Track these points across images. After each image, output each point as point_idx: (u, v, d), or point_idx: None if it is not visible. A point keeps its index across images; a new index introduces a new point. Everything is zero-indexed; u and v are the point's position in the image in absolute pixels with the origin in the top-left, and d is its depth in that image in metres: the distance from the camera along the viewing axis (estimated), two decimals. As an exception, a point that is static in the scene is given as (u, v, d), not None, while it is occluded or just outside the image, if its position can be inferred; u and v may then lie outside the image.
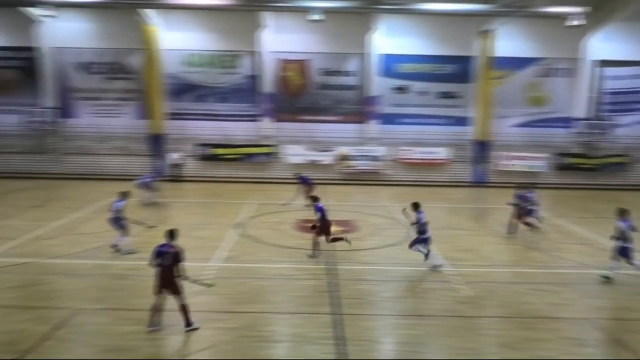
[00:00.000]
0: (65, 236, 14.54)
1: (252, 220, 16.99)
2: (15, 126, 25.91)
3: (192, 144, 25.89)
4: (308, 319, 9.26)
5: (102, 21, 25.51)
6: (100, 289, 10.49)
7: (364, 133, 26.34)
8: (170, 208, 18.91)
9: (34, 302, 9.65)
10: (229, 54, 25.95)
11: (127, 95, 26.30)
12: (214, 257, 12.79)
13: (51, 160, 26.15)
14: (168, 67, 25.71)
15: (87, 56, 25.96)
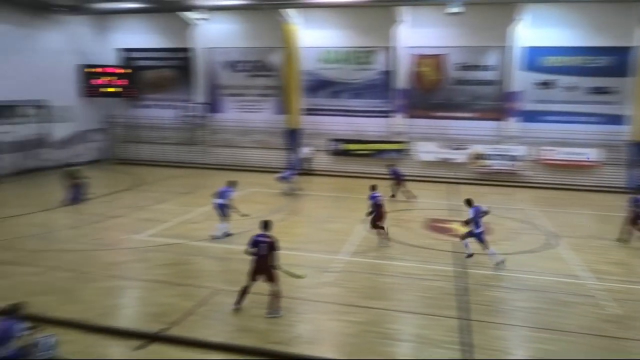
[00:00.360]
0: (209, 221, 15.80)
1: (380, 216, 17.03)
2: (171, 120, 28.75)
3: (325, 139, 26.60)
4: (433, 321, 9.06)
5: (248, 22, 27.20)
6: (237, 272, 11.23)
7: (502, 131, 24.95)
8: (302, 200, 19.65)
9: (181, 280, 10.66)
10: (364, 50, 26.17)
11: (268, 92, 27.78)
12: (342, 250, 13.05)
13: (200, 151, 28.59)
14: (305, 64, 26.66)
15: (233, 55, 27.88)
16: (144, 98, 29.44)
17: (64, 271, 11.09)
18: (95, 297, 9.75)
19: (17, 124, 24.04)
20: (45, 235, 13.89)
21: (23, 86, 23.93)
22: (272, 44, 26.81)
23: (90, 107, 28.51)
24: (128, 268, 11.50)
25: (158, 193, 20.10)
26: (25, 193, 20.67)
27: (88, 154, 28.30)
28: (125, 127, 29.64)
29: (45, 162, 25.61)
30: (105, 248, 12.96)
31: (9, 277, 10.64)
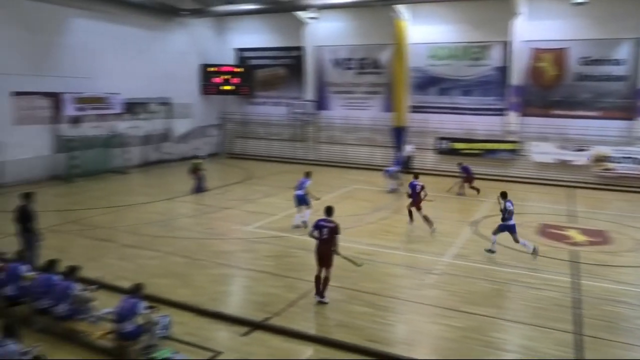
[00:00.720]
0: (312, 216, 16.11)
1: (487, 219, 16.30)
2: (280, 117, 29.78)
3: (432, 137, 26.00)
4: (543, 333, 8.51)
5: (357, 20, 27.33)
6: (337, 267, 11.33)
7: (631, 131, 22.70)
8: (406, 199, 19.35)
9: (285, 272, 11.03)
10: (477, 45, 25.15)
11: (375, 89, 27.73)
12: (446, 252, 12.70)
13: (306, 148, 29.33)
14: (414, 60, 26.22)
15: (342, 53, 28.18)
16: (257, 95, 30.78)
17: (180, 257, 11.96)
18: (206, 283, 10.40)
19: (144, 120, 26.31)
20: (165, 223, 15.06)
21: (151, 85, 26.13)
22: (381, 41, 26.70)
23: (208, 104, 30.40)
24: (236, 257, 12.11)
25: (266, 187, 20.92)
26: (149, 183, 22.56)
27: (205, 148, 30.18)
28: (238, 123, 31.22)
29: (167, 155, 27.77)
30: (216, 237, 13.77)
31: (133, 260, 11.69)
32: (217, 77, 29.66)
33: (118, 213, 16.24)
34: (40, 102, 21.15)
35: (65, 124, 22.19)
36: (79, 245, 12.69)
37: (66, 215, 15.83)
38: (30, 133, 20.81)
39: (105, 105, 23.80)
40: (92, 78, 23.03)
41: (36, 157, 21.08)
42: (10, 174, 19.97)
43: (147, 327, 7.51)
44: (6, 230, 12.49)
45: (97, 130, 23.49)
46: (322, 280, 9.39)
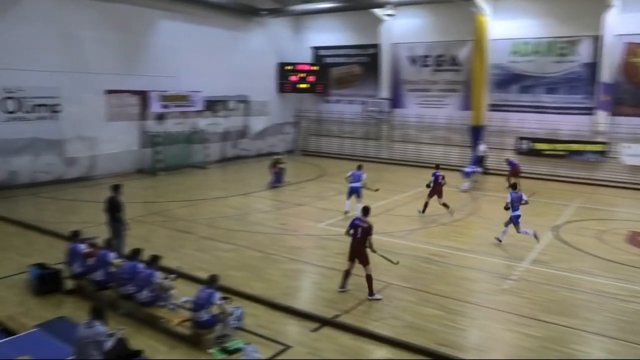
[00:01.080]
0: (384, 215, 16.07)
1: (570, 224, 15.45)
2: (355, 115, 29.77)
3: (511, 137, 24.98)
4: (628, 349, 7.96)
5: (435, 15, 26.74)
6: (409, 268, 11.27)
7: None
8: (481, 200, 18.79)
9: (355, 270, 10.90)
10: (564, 40, 23.81)
11: (452, 87, 27.03)
12: (524, 257, 12.18)
13: (380, 146, 29.14)
14: (495, 57, 25.27)
15: (418, 50, 27.69)
16: (331, 93, 30.97)
17: (254, 250, 12.30)
18: (279, 277, 10.63)
19: (223, 117, 27.27)
20: (240, 217, 15.54)
21: (230, 83, 27.02)
22: (459, 37, 25.98)
23: (284, 102, 30.98)
24: (308, 253, 12.28)
25: (339, 185, 20.99)
26: (226, 178, 23.37)
27: (280, 145, 30.80)
28: (312, 121, 31.58)
29: (244, 152, 28.63)
30: (289, 233, 14.03)
31: (209, 252, 12.17)
32: (293, 76, 30.15)
33: (197, 206, 16.96)
34: (129, 99, 22.50)
35: (151, 120, 23.46)
36: (161, 236, 13.39)
37: (150, 206, 16.74)
38: (120, 129, 22.20)
39: (187, 102, 24.92)
40: (175, 77, 24.18)
41: (124, 152, 22.46)
42: (100, 167, 21.44)
43: (221, 317, 7.80)
44: (97, 220, 13.41)
45: (180, 126, 24.66)
46: (365, 278, 9.61)
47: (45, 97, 19.45)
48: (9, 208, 15.90)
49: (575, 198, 19.43)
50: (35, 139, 19.18)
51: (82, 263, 9.46)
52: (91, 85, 20.84)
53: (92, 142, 21.10)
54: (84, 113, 20.67)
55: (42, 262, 10.00)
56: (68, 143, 20.28)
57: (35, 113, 19.24)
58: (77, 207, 16.38)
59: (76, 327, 6.79)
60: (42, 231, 13.46)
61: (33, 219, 14.49)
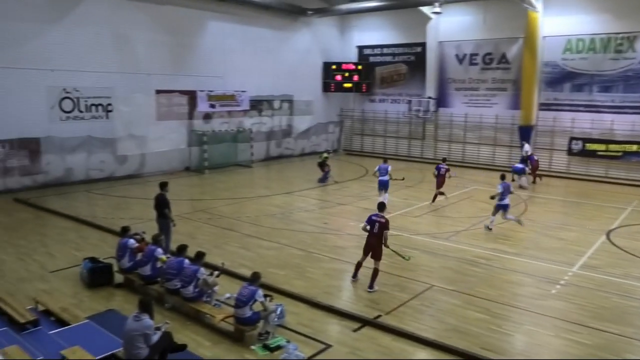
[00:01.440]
0: (428, 216, 15.85)
1: (624, 228, 14.79)
2: (400, 114, 29.49)
3: (564, 137, 24.13)
4: (688, 361, 7.55)
5: (483, 13, 26.12)
6: (453, 270, 11.08)
7: None
8: (530, 202, 18.24)
9: (397, 271, 10.95)
10: (621, 37, 22.78)
11: (501, 86, 26.35)
12: (574, 262, 11.76)
13: (425, 146, 28.77)
14: (546, 54, 24.46)
15: (466, 48, 27.15)
16: (376, 92, 30.81)
17: (296, 249, 12.40)
18: (320, 276, 10.67)
19: (267, 116, 27.59)
20: (283, 216, 15.69)
21: (275, 82, 27.33)
22: (509, 34, 25.32)
23: (329, 101, 31.04)
24: (350, 253, 12.25)
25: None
26: (270, 177, 23.65)
27: (324, 144, 30.89)
28: (357, 120, 31.51)
29: (288, 151, 28.87)
30: (331, 232, 14.06)
31: (252, 249, 12.35)
32: (338, 75, 30.16)
33: (241, 204, 17.24)
34: (178, 99, 23.11)
35: (198, 119, 24.01)
36: (206, 233, 13.69)
37: (196, 204, 17.14)
38: (169, 128, 22.83)
39: (233, 102, 25.38)
40: (222, 77, 24.65)
41: (173, 150, 23.08)
42: (150, 165, 22.11)
43: (263, 315, 7.91)
44: (146, 216, 13.85)
45: (226, 125, 25.12)
46: (369, 269, 10.00)
47: (99, 97, 20.23)
48: (65, 204, 16.63)
49: (630, 201, 18.59)
50: (89, 137, 19.98)
51: (131, 258, 9.79)
52: (142, 86, 21.53)
53: (142, 141, 21.79)
54: (135, 112, 21.38)
55: (94, 256, 10.42)
56: (119, 142, 21.02)
57: (90, 112, 20.04)
58: (127, 204, 16.96)
59: (125, 319, 7.04)
60: (95, 226, 14.02)
61: (86, 215, 15.12)
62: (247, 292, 7.87)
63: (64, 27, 19.00)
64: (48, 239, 13.01)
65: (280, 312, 8.27)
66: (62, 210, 15.58)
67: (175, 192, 17.34)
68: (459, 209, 16.81)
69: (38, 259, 11.36)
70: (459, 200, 18.17)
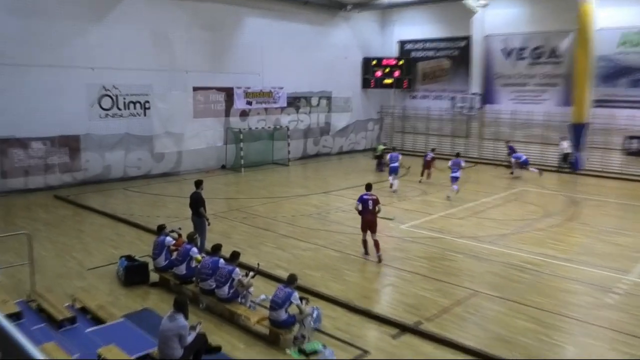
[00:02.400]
0: (472, 218, 15.50)
1: (689, 234, 14.06)
2: (443, 111, 28.99)
3: (620, 136, 23.19)
4: None
5: (532, 5, 25.39)
6: (498, 276, 10.78)
7: None
8: (581, 204, 17.59)
9: (439, 275, 10.73)
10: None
11: (551, 81, 25.55)
12: (632, 269, 11.24)
13: (470, 144, 28.20)
14: (600, 48, 23.53)
15: (513, 42, 26.43)
16: (418, 89, 30.41)
17: (332, 250, 12.33)
18: (358, 279, 10.56)
19: (305, 113, 27.63)
20: (320, 216, 15.65)
21: (313, 79, 27.36)
22: (560, 27, 24.51)
23: (368, 98, 30.86)
24: (389, 255, 12.09)
25: (423, 184, 20.59)
26: (306, 176, 23.68)
27: (363, 142, 30.71)
28: (397, 117, 31.20)
29: (325, 149, 28.85)
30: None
31: (288, 250, 12.35)
32: (378, 71, 29.91)
33: (277, 203, 17.30)
34: (215, 96, 23.42)
35: (235, 117, 24.26)
36: (241, 232, 13.78)
37: (231, 203, 17.30)
38: (205, 125, 23.17)
39: (270, 99, 25.54)
40: (260, 74, 24.84)
41: (209, 148, 23.41)
42: (186, 163, 22.50)
43: (299, 318, 7.86)
44: (182, 214, 14.07)
45: (263, 123, 25.29)
46: (372, 243, 11.60)
47: (137, 94, 20.72)
48: (103, 201, 17.10)
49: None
50: (127, 134, 20.48)
51: (167, 256, 9.93)
52: (179, 83, 21.92)
53: (179, 139, 22.18)
54: (172, 110, 21.78)
55: (130, 255, 10.63)
56: (156, 139, 21.46)
57: (128, 110, 20.54)
58: (163, 202, 17.29)
59: (160, 319, 7.12)
60: (131, 224, 14.33)
61: (123, 212, 15.48)
62: (282, 294, 7.85)
63: (104, 26, 19.52)
64: (86, 235, 13.39)
65: (317, 315, 8.21)
66: (100, 208, 16.01)
67: (211, 191, 17.53)
68: (506, 211, 16.38)
69: (76, 256, 11.69)
70: (505, 202, 17.71)
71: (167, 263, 9.90)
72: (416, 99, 30.56)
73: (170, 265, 9.84)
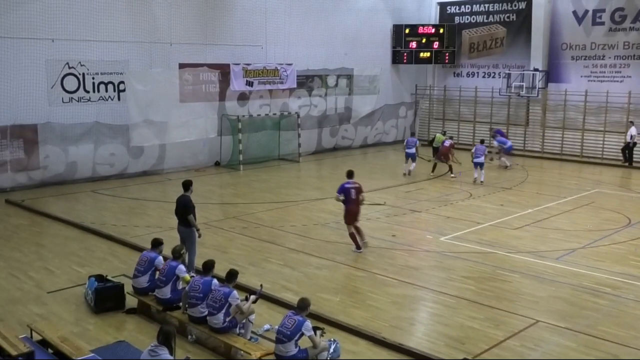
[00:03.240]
0: (532, 228, 15.43)
1: None
2: (498, 92, 28.81)
3: None
4: None
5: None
6: (566, 301, 10.74)
7: None
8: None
9: (489, 300, 10.72)
10: None
11: (636, 53, 25.32)
12: None
13: (531, 135, 28.07)
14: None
15: (587, 2, 26.26)
16: (464, 64, 30.37)
17: (354, 269, 12.38)
18: (386, 305, 10.59)
19: (320, 97, 27.69)
20: (339, 225, 15.65)
21: (330, 53, 27.40)
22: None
23: (400, 77, 30.89)
24: (425, 275, 12.11)
25: (470, 186, 20.55)
26: (322, 174, 23.81)
27: (393, 133, 30.69)
28: (437, 100, 31.17)
29: (346, 141, 28.91)
30: (401, 247, 13.94)
31: (299, 268, 12.41)
32: (412, 41, 29.88)
33: (285, 209, 17.38)
34: (206, 75, 23.57)
35: (232, 101, 24.39)
36: (240, 246, 13.88)
37: (228, 209, 17.42)
38: (195, 112, 23.32)
39: (276, 78, 25.63)
40: (262, 46, 24.93)
41: (199, 140, 23.58)
42: (170, 159, 22.69)
43: (312, 353, 7.93)
44: (166, 223, 14.21)
45: (267, 108, 25.41)
46: (356, 232, 13.29)
47: (110, 73, 20.94)
48: (67, 207, 17.35)
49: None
50: (97, 124, 20.71)
51: (151, 278, 10.00)
52: (162, 59, 22.13)
53: (162, 128, 22.36)
54: (153, 92, 21.97)
55: (101, 274, 10.76)
56: (134, 129, 21.67)
57: (98, 93, 20.78)
58: (143, 208, 17.46)
59: (138, 354, 7.22)
60: (103, 236, 14.51)
61: (92, 221, 15.67)
62: (291, 323, 7.91)
63: (68, -13, 19.72)
64: (46, 250, 13.59)
65: (334, 349, 8.27)
66: (64, 216, 16.23)
67: (203, 194, 17.65)
68: (576, 219, 16.28)
69: (33, 276, 11.86)
70: (575, 207, 17.60)
71: (148, 285, 10.02)
72: (461, 77, 30.52)
73: (151, 287, 9.95)
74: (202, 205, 13.86)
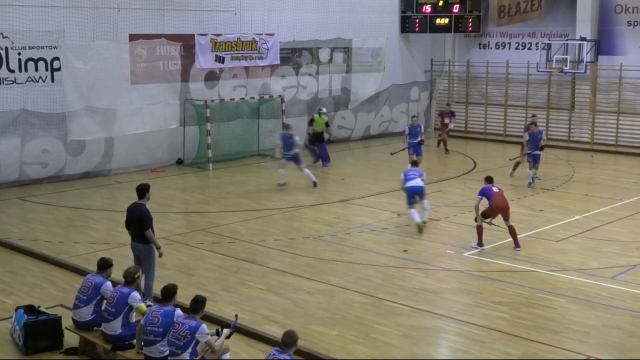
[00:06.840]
0: (581, 239, 15.49)
1: None
2: (534, 68, 28.88)
3: None
4: None
5: None
6: (624, 332, 10.78)
7: None
8: None
9: (525, 331, 10.72)
10: None
11: None
12: None
13: (576, 121, 28.14)
14: None
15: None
16: (491, 33, 30.43)
17: (356, 293, 12.35)
18: (396, 339, 10.58)
19: (309, 75, 27.70)
20: (336, 238, 15.70)
21: (321, 20, 27.45)
22: None
23: (411, 49, 30.95)
24: (446, 301, 12.11)
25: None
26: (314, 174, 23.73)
27: (404, 120, 30.67)
28: (458, 79, 31.23)
29: (342, 132, 28.95)
30: (415, 266, 13.94)
31: (284, 293, 12.38)
32: (426, 4, 29.89)
33: (268, 219, 17.38)
34: (165, 49, 23.50)
35: (198, 81, 24.31)
36: (210, 266, 13.84)
37: (194, 219, 17.40)
38: (150, 96, 23.24)
39: (254, 52, 25.57)
40: (236, 11, 24.89)
41: (156, 132, 23.48)
42: (119, 157, 22.60)
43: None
44: (115, 239, 14.15)
45: (242, 91, 25.36)
46: None
47: (41, 47, 20.86)
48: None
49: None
50: (24, 112, 20.60)
51: (97, 309, 9.94)
52: (107, 28, 22.04)
53: (108, 118, 22.28)
54: (97, 71, 21.88)
55: (32, 304, 10.69)
56: (72, 119, 21.57)
57: (26, 72, 20.69)
58: (85, 219, 17.39)
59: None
60: (34, 255, 14.41)
61: (20, 236, 15.59)
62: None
63: None
64: (-38, 275, 13.52)
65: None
66: (-17, 230, 16.17)
67: (162, 201, 17.62)
68: (635, 228, 16.35)
69: (-54, 307, 11.82)
70: (633, 213, 17.66)
71: (93, 317, 9.97)
72: (488, 50, 30.64)
73: (97, 321, 9.91)
74: (162, 214, 13.80)
